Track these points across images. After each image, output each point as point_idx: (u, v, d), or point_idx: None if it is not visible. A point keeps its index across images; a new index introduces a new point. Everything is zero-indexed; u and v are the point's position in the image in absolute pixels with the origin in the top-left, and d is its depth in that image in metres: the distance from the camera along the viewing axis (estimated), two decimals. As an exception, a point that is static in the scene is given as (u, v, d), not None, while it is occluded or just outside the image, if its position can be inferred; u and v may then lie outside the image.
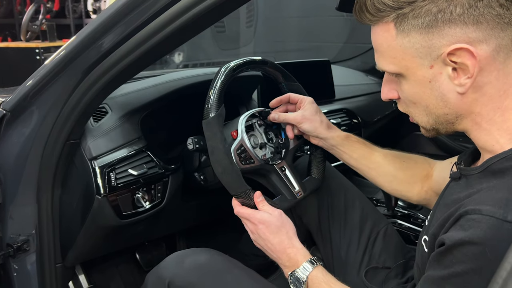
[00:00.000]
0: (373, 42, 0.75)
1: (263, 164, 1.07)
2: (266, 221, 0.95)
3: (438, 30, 0.65)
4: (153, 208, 1.19)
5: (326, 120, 1.13)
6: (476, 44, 0.64)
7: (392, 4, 0.67)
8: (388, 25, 0.69)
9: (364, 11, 0.71)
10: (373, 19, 0.71)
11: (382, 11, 0.68)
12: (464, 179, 0.75)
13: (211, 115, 0.97)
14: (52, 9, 4.86)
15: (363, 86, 2.12)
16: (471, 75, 0.65)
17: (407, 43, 0.68)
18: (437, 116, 0.73)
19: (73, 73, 0.96)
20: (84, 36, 0.93)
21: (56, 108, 1.01)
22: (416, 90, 0.72)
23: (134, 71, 1.03)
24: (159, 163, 1.19)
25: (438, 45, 0.66)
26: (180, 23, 0.83)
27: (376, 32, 0.72)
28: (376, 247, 1.16)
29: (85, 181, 1.11)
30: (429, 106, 0.72)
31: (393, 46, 0.70)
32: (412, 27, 0.67)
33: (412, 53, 0.68)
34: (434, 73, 0.68)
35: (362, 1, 0.71)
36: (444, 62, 0.66)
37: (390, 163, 1.12)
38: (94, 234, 1.16)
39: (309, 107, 1.11)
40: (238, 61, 1.07)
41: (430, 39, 0.66)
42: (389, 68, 0.73)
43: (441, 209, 0.76)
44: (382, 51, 0.73)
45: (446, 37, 0.65)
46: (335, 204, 1.22)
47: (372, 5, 0.69)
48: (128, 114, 1.19)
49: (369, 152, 1.13)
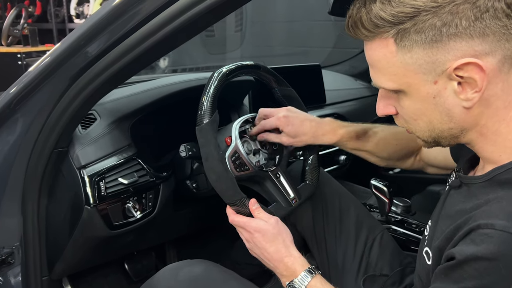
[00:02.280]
0: (369, 58, 0.71)
1: (258, 170, 1.06)
2: (262, 229, 0.93)
3: (442, 44, 0.62)
4: (144, 217, 1.16)
5: (311, 129, 1.09)
6: (482, 57, 0.61)
7: (391, 19, 0.63)
8: (387, 40, 0.65)
9: (359, 27, 0.67)
10: (370, 35, 0.67)
11: (380, 26, 0.64)
12: (465, 187, 0.74)
13: (205, 121, 0.95)
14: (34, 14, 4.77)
15: (353, 90, 2.12)
16: (479, 89, 0.63)
17: (409, 59, 0.65)
18: (441, 131, 0.70)
19: (59, 79, 0.93)
20: (71, 42, 0.90)
21: (42, 116, 0.97)
22: (418, 106, 0.69)
23: (123, 77, 0.99)
24: (150, 171, 1.17)
25: (443, 60, 0.63)
26: (170, 29, 0.81)
27: (372, 48, 0.68)
28: (373, 255, 1.15)
29: (73, 190, 1.07)
30: (433, 122, 0.69)
31: (393, 62, 0.66)
32: (414, 43, 0.63)
33: (415, 70, 0.65)
34: (439, 88, 0.65)
35: (356, 16, 0.67)
36: (449, 77, 0.64)
37: (384, 149, 1.12)
38: (82, 246, 1.13)
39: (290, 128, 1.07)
40: (230, 66, 1.05)
41: (434, 54, 0.63)
42: (388, 85, 0.70)
43: (445, 221, 0.74)
44: (380, 68, 0.69)
45: (451, 52, 0.62)
46: (330, 211, 1.20)
47: (369, 20, 0.65)
48: (117, 120, 1.16)
49: (362, 145, 1.13)
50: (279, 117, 1.07)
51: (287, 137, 1.08)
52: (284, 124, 1.07)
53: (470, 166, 0.79)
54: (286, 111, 1.09)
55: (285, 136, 1.08)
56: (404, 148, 1.11)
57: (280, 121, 1.07)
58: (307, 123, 1.08)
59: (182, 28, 0.80)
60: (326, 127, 1.10)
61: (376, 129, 1.14)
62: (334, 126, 1.11)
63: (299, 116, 1.09)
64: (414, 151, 1.12)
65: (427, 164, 1.12)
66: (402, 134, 1.09)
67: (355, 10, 0.67)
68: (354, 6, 0.68)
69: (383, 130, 1.14)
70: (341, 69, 2.38)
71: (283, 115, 1.07)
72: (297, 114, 1.09)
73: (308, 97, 1.20)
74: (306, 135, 1.08)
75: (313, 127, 1.08)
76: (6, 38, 3.93)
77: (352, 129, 1.11)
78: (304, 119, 1.09)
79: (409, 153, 1.12)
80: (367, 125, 1.14)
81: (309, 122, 1.08)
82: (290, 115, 1.08)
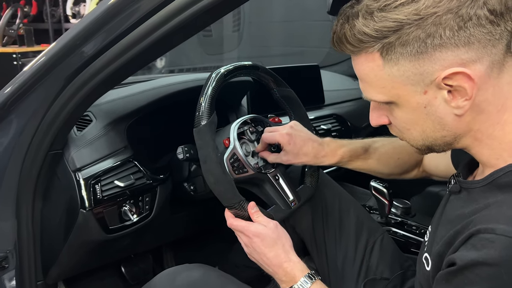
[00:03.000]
0: (357, 72, 0.71)
1: (257, 173, 1.04)
2: (261, 234, 0.92)
3: (428, 55, 0.62)
4: (141, 221, 1.14)
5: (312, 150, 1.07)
6: (470, 65, 0.61)
7: (375, 34, 0.63)
8: (373, 55, 0.65)
9: (344, 43, 0.67)
10: (355, 50, 0.67)
11: (365, 42, 0.64)
12: (464, 192, 0.73)
13: (203, 123, 0.93)
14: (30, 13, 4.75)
15: (352, 91, 2.11)
16: (469, 97, 0.63)
17: (396, 72, 0.65)
18: (434, 139, 0.70)
19: (55, 80, 0.92)
20: (66, 42, 0.89)
21: (36, 117, 0.96)
22: (410, 116, 0.69)
23: (119, 77, 0.98)
24: (146, 173, 1.15)
25: (430, 70, 0.62)
26: (167, 29, 0.80)
27: (359, 62, 0.68)
28: (373, 258, 1.13)
29: (68, 194, 1.05)
30: (426, 131, 0.69)
31: (380, 75, 0.66)
32: (400, 55, 0.63)
33: (403, 81, 0.65)
34: (429, 98, 0.65)
35: (340, 32, 0.66)
36: (439, 87, 0.63)
37: (385, 165, 1.11)
38: (78, 250, 1.11)
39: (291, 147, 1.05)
40: (229, 66, 1.04)
41: (421, 65, 0.63)
42: (378, 97, 0.70)
43: (445, 226, 0.73)
44: (368, 81, 0.69)
45: (437, 62, 0.62)
46: (330, 213, 1.19)
47: (353, 36, 0.65)
48: (113, 122, 1.14)
49: (363, 163, 1.11)
50: (282, 134, 1.05)
51: (287, 156, 1.06)
52: (286, 142, 1.05)
53: (469, 171, 0.78)
54: (289, 128, 1.07)
55: (285, 155, 1.07)
56: (406, 162, 1.10)
57: (283, 138, 1.05)
58: (310, 143, 1.06)
59: (180, 27, 0.79)
60: (326, 148, 1.08)
61: (377, 144, 1.12)
62: (333, 147, 1.09)
63: (302, 136, 1.06)
64: (416, 164, 1.11)
65: (430, 174, 1.11)
66: (403, 148, 1.09)
67: (338, 26, 0.67)
68: (338, 22, 0.68)
69: (383, 145, 1.12)
70: (339, 69, 2.37)
71: (286, 133, 1.05)
72: (300, 133, 1.07)
73: (307, 98, 1.19)
74: (308, 156, 1.06)
75: (315, 148, 1.06)
76: (2, 38, 3.92)
77: (352, 148, 1.10)
78: (307, 139, 1.06)
79: (411, 166, 1.12)
80: (367, 141, 1.13)
81: (311, 143, 1.06)
82: (293, 133, 1.06)
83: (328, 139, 1.11)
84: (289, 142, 1.04)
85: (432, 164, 1.08)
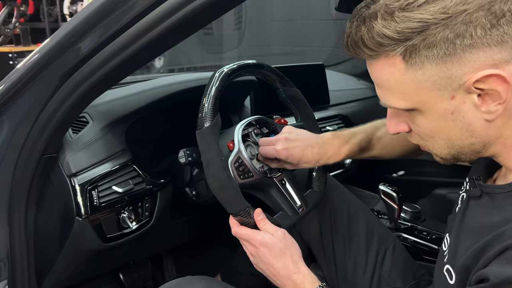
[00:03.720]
0: (375, 77, 0.66)
1: (262, 177, 1.00)
2: (268, 243, 0.87)
3: (457, 57, 0.57)
4: (140, 228, 1.09)
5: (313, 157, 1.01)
6: (503, 66, 0.57)
7: (397, 36, 0.58)
8: (394, 58, 0.61)
9: (360, 47, 0.62)
10: (374, 54, 0.62)
11: (385, 45, 0.60)
12: (486, 197, 0.69)
13: (206, 125, 0.89)
14: (27, 13, 4.74)
15: (356, 91, 2.07)
16: (503, 101, 0.59)
17: (421, 77, 0.60)
18: (461, 147, 0.66)
19: (49, 79, 0.88)
20: (61, 38, 0.84)
21: (29, 118, 0.92)
22: (435, 123, 0.65)
23: (118, 76, 0.94)
24: (146, 177, 1.11)
25: (459, 74, 0.58)
26: (168, 25, 0.75)
27: (378, 67, 0.64)
28: (385, 266, 1.09)
29: (63, 200, 1.00)
30: (452, 138, 0.65)
31: (402, 81, 0.62)
32: (425, 59, 0.59)
33: (428, 86, 0.61)
34: (457, 103, 0.61)
35: (356, 35, 0.62)
36: (468, 91, 0.59)
37: (390, 152, 1.08)
38: (73, 259, 1.06)
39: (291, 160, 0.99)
40: (232, 65, 1.00)
41: (449, 68, 0.58)
42: (399, 104, 0.65)
43: (468, 236, 0.68)
44: (388, 87, 0.65)
45: (467, 64, 0.58)
46: (338, 219, 1.15)
47: (371, 39, 0.60)
48: (111, 124, 1.10)
49: (367, 154, 1.08)
50: (278, 150, 0.98)
51: (289, 165, 1.02)
52: (284, 157, 0.99)
53: (488, 173, 0.74)
54: (284, 141, 0.99)
55: (287, 164, 1.02)
56: (412, 147, 1.05)
57: (280, 154, 0.99)
58: (309, 151, 1.00)
59: (180, 24, 0.75)
60: (329, 151, 1.01)
61: (380, 132, 1.07)
62: (337, 146, 1.02)
63: (298, 146, 1.00)
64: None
65: None
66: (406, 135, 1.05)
67: (353, 28, 0.62)
68: (352, 23, 0.63)
69: (387, 132, 1.07)
70: (343, 68, 2.33)
71: (282, 148, 0.98)
72: (296, 143, 1.00)
73: (311, 98, 1.15)
74: (309, 163, 1.01)
75: (315, 154, 1.00)
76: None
77: (355, 143, 1.04)
78: (305, 148, 1.00)
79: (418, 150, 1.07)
80: (369, 129, 1.08)
81: (310, 150, 1.00)
82: (289, 146, 0.99)
83: (329, 136, 1.04)
84: (286, 156, 0.98)
85: None
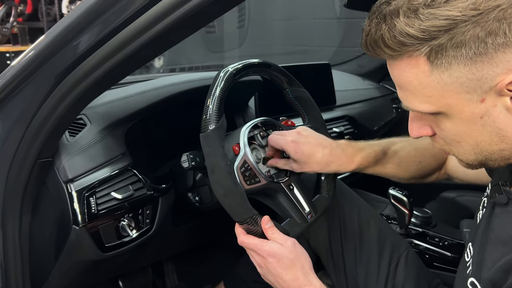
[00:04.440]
0: (397, 79, 0.62)
1: (269, 182, 0.95)
2: (277, 254, 0.83)
3: (488, 57, 0.53)
4: (141, 236, 1.04)
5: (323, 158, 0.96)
6: None
7: (421, 35, 0.54)
8: (418, 59, 0.57)
9: (381, 46, 0.58)
10: (395, 54, 0.58)
11: (408, 45, 0.55)
12: None
13: (211, 128, 0.84)
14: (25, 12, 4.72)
15: (362, 91, 2.03)
16: None
17: (448, 78, 0.56)
18: (490, 153, 0.62)
19: (44, 78, 0.84)
20: (57, 34, 0.80)
21: (24, 120, 0.88)
22: (462, 128, 0.60)
23: (117, 76, 0.89)
24: (147, 182, 1.06)
25: (491, 75, 0.54)
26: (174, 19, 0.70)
27: (400, 68, 0.59)
28: (399, 276, 1.04)
29: (59, 208, 0.96)
30: (481, 144, 0.61)
31: (427, 83, 0.58)
32: (453, 59, 0.55)
33: (456, 89, 0.57)
34: (487, 107, 0.57)
35: (376, 34, 0.57)
36: (500, 93, 0.55)
37: (406, 170, 1.02)
38: (70, 270, 1.01)
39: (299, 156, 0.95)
40: (237, 64, 0.95)
41: (479, 70, 0.54)
42: (423, 108, 0.61)
43: (496, 248, 0.64)
44: (411, 90, 0.60)
45: (500, 64, 0.53)
46: (348, 226, 1.10)
47: (393, 38, 0.56)
48: (110, 126, 1.05)
49: (382, 168, 1.02)
50: (287, 141, 0.95)
51: (296, 165, 0.97)
52: (292, 150, 0.95)
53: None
54: (296, 134, 0.96)
55: (295, 163, 0.97)
56: (428, 165, 1.01)
57: (289, 147, 0.95)
58: (320, 151, 0.95)
59: (187, 18, 0.70)
60: (342, 157, 0.97)
61: (396, 147, 1.02)
62: (350, 153, 0.98)
63: (310, 143, 0.96)
64: (439, 166, 1.03)
65: (455, 177, 1.03)
66: (425, 151, 1.00)
67: (373, 27, 0.58)
68: (371, 21, 0.59)
69: (403, 147, 1.03)
70: (348, 68, 2.30)
71: (292, 140, 0.95)
72: (309, 140, 0.96)
73: (318, 98, 1.11)
74: (319, 164, 0.96)
75: (326, 155, 0.96)
76: (-5, 37, 3.87)
77: (370, 152, 0.99)
78: (316, 146, 0.96)
79: (433, 169, 1.03)
80: (386, 143, 1.03)
81: (321, 150, 0.95)
82: (300, 140, 0.95)
83: (343, 142, 1.01)
84: (295, 150, 0.94)
85: (461, 168, 0.98)
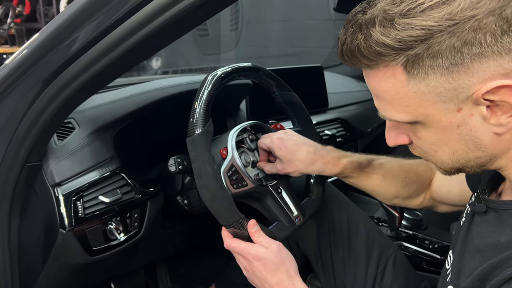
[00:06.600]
0: (373, 88, 0.61)
1: (257, 185, 0.95)
2: (262, 258, 0.83)
3: (464, 67, 0.53)
4: (129, 239, 1.04)
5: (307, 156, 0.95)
6: None
7: (397, 45, 0.53)
8: (394, 69, 0.56)
9: (357, 56, 0.57)
10: (371, 64, 0.57)
11: (384, 54, 0.54)
12: (493, 213, 0.64)
13: (197, 132, 0.84)
14: (23, 13, 4.70)
15: (355, 93, 2.02)
16: None
17: (424, 88, 0.55)
18: (467, 160, 0.61)
19: (31, 81, 0.83)
20: (45, 38, 0.80)
21: (11, 124, 0.87)
22: (439, 137, 0.60)
23: (106, 79, 0.89)
24: (135, 186, 1.05)
25: (467, 84, 0.53)
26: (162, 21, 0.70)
27: (376, 77, 0.58)
28: (386, 278, 1.05)
29: (47, 211, 0.95)
30: (457, 152, 0.61)
31: (404, 93, 0.57)
32: (429, 69, 0.54)
33: (432, 98, 0.56)
34: (463, 116, 0.56)
35: (352, 44, 0.56)
36: (476, 102, 0.55)
37: (391, 183, 1.00)
38: (58, 274, 1.01)
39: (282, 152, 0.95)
40: (226, 68, 0.95)
41: (455, 79, 0.53)
42: (400, 117, 0.60)
43: (474, 256, 0.64)
44: (388, 99, 0.59)
45: (476, 74, 0.53)
46: (337, 229, 1.10)
47: (369, 48, 0.55)
48: (99, 130, 1.05)
49: (367, 178, 1.00)
50: (272, 139, 0.95)
51: (281, 164, 0.96)
52: (276, 146, 0.95)
53: (492, 186, 0.70)
54: (282, 133, 0.97)
55: (279, 163, 0.96)
56: (414, 182, 1.00)
57: (273, 144, 0.95)
58: (304, 148, 0.95)
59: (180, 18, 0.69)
60: (327, 156, 0.96)
61: (382, 160, 1.02)
62: (336, 156, 0.97)
63: (294, 139, 0.96)
64: (425, 186, 1.01)
65: (439, 201, 1.01)
66: (410, 166, 1.00)
67: (349, 36, 0.57)
68: (347, 30, 0.58)
69: (389, 161, 1.02)
70: (342, 70, 2.29)
71: (277, 137, 0.95)
72: (293, 137, 0.97)
73: (310, 101, 1.11)
74: (302, 162, 0.95)
75: (310, 153, 0.95)
76: (-8, 38, 3.86)
77: (355, 159, 0.99)
78: (301, 143, 0.96)
79: (419, 189, 1.01)
80: (371, 156, 1.03)
81: (306, 147, 0.95)
82: (284, 137, 0.95)
83: (329, 146, 1.00)
84: (279, 146, 0.94)
85: (444, 188, 0.97)
